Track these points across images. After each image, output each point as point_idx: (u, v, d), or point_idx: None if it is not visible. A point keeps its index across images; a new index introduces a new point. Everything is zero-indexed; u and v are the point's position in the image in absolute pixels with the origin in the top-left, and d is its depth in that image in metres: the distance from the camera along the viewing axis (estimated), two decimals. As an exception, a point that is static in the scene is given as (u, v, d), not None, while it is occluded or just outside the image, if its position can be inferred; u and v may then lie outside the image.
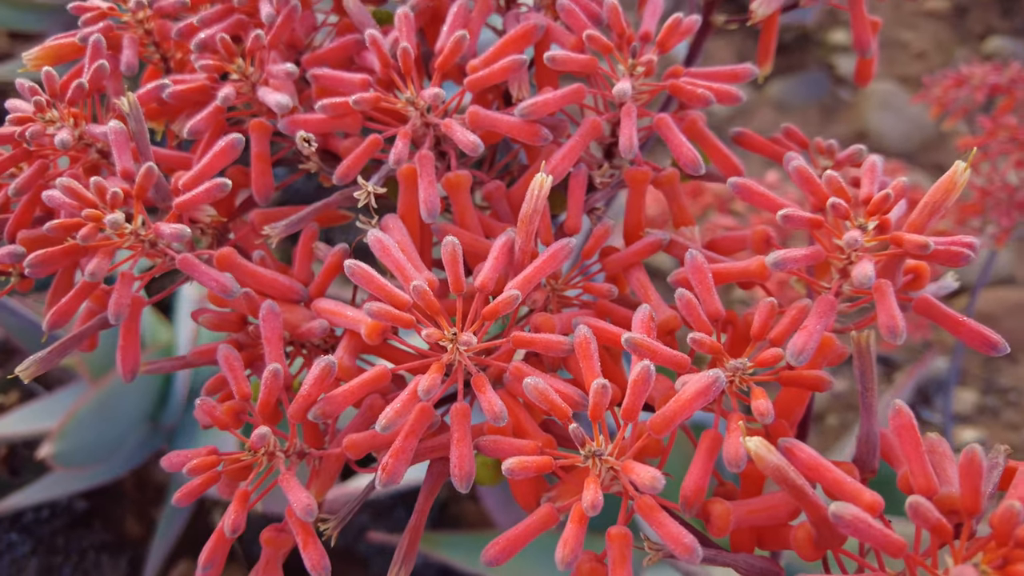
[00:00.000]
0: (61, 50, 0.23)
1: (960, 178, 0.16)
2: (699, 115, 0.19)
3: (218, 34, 0.21)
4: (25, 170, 0.22)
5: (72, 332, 0.20)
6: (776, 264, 0.15)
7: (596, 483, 0.13)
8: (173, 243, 0.18)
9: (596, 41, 0.18)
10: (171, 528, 1.01)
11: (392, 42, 0.20)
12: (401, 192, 0.18)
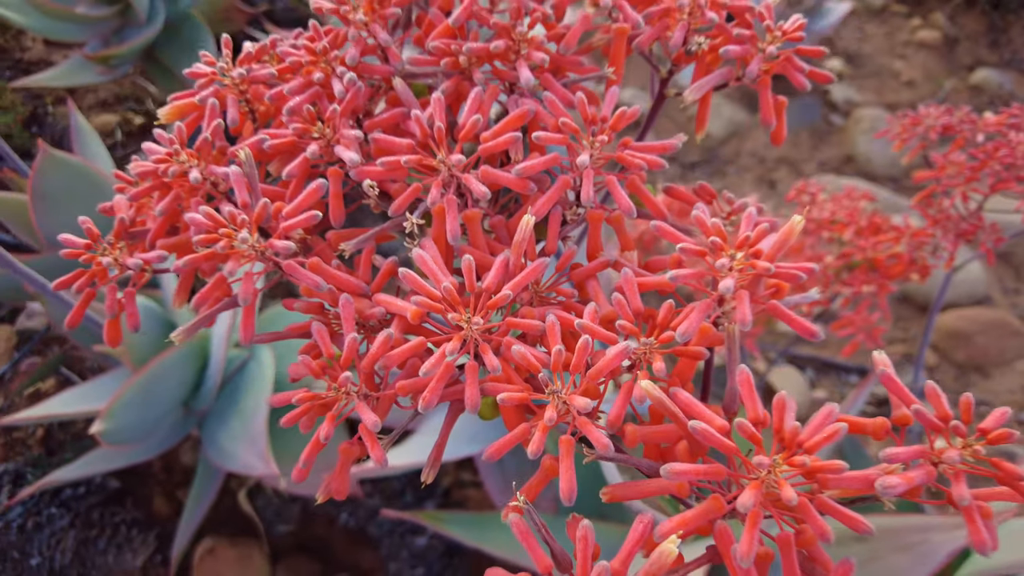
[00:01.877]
0: (184, 108, 0.32)
1: (798, 228, 0.24)
2: (639, 175, 0.28)
3: (304, 104, 0.30)
4: (161, 196, 0.31)
5: (202, 314, 0.28)
6: (673, 279, 0.24)
7: (554, 408, 0.22)
8: (280, 253, 0.27)
9: (567, 126, 0.27)
10: (199, 508, 1.09)
11: (428, 116, 0.29)
12: (434, 222, 0.27)
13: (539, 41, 0.29)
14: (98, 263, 0.29)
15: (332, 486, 0.26)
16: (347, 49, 0.29)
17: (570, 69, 0.30)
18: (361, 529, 1.26)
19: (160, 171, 0.28)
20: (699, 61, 0.31)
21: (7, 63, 1.92)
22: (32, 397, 1.45)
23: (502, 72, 0.29)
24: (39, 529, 1.21)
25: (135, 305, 0.29)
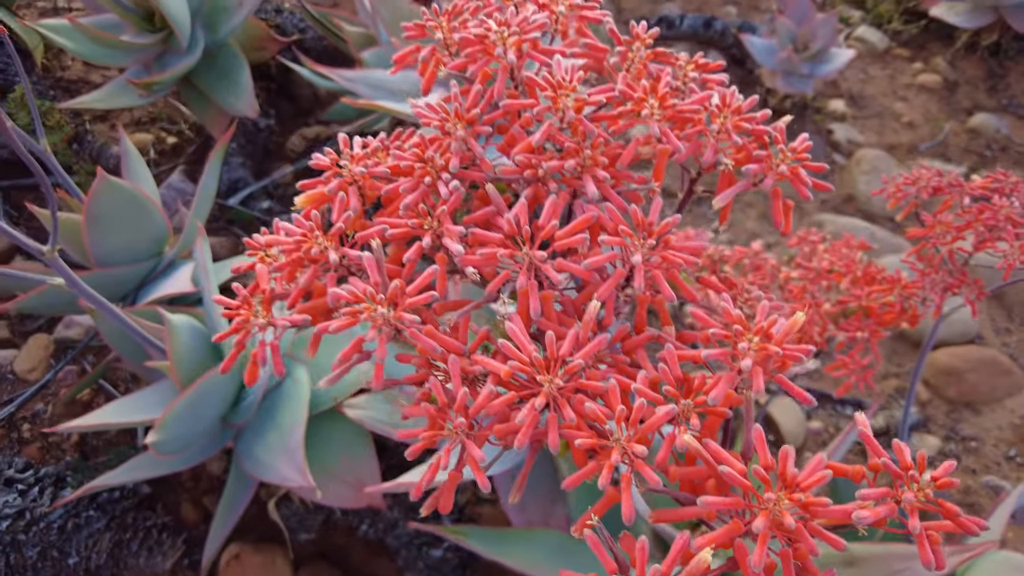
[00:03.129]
0: (315, 198, 0.41)
1: (800, 322, 0.33)
2: (678, 268, 0.37)
3: (416, 201, 0.38)
4: (292, 268, 0.39)
5: (341, 368, 0.36)
6: (707, 357, 0.32)
7: (618, 453, 0.30)
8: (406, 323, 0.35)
9: (625, 232, 0.35)
10: (230, 516, 1.16)
11: (515, 216, 0.37)
12: (519, 300, 0.36)
13: (602, 161, 0.37)
14: (249, 322, 0.37)
15: (439, 504, 0.34)
16: (449, 157, 0.38)
17: (623, 178, 0.39)
18: (380, 540, 1.33)
19: (303, 251, 0.37)
20: (723, 173, 0.40)
21: (49, 82, 2.02)
22: (69, 404, 1.54)
23: (572, 182, 0.38)
24: (77, 530, 1.29)
25: (279, 356, 0.37)
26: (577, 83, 0.38)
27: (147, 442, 0.93)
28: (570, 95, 0.38)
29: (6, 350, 1.59)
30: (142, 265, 1.29)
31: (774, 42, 1.97)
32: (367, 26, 1.78)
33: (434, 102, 0.39)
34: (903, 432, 1.11)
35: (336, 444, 1.13)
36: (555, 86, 0.38)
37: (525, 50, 0.40)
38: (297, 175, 1.83)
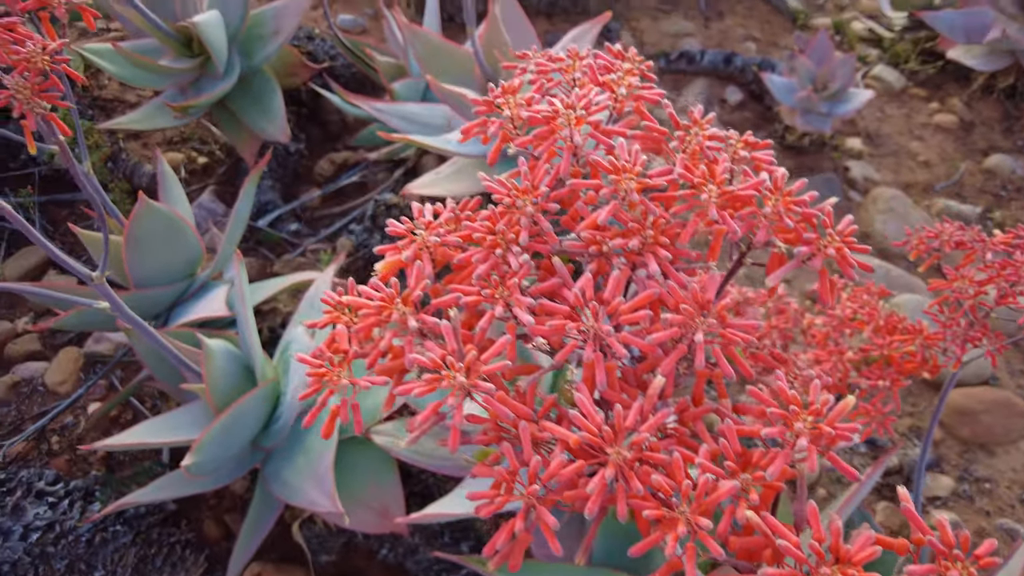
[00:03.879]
0: (393, 265, 0.44)
1: (851, 406, 0.35)
2: (735, 345, 0.39)
3: (488, 271, 0.41)
4: (368, 327, 0.42)
5: (420, 429, 0.39)
6: (766, 435, 0.35)
7: (684, 524, 0.33)
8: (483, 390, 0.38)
9: (687, 311, 0.38)
10: (255, 536, 1.18)
11: (580, 288, 0.40)
12: (584, 371, 0.38)
13: (664, 241, 0.40)
14: (335, 381, 0.40)
15: (509, 561, 0.37)
16: (519, 231, 0.41)
17: (681, 255, 0.41)
18: (399, 564, 1.35)
19: (384, 317, 0.40)
20: (774, 253, 0.43)
21: (87, 101, 2.07)
22: (97, 418, 1.57)
23: (633, 257, 0.41)
24: (104, 544, 1.31)
25: (360, 415, 0.40)
26: (640, 167, 0.41)
27: (183, 465, 0.96)
28: (633, 178, 0.41)
29: (37, 362, 1.62)
30: (176, 286, 1.32)
31: (794, 81, 2.01)
32: (397, 56, 1.82)
33: (503, 177, 0.42)
34: (919, 474, 1.13)
35: (362, 470, 1.16)
36: (619, 169, 0.41)
37: (587, 132, 0.43)
38: (325, 199, 1.87)
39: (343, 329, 0.42)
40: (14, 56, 0.62)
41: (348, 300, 0.43)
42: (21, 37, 0.63)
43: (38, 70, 0.62)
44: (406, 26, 1.34)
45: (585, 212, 0.42)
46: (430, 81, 1.27)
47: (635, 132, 0.45)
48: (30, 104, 0.62)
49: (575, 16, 2.41)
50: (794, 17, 2.54)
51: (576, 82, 0.51)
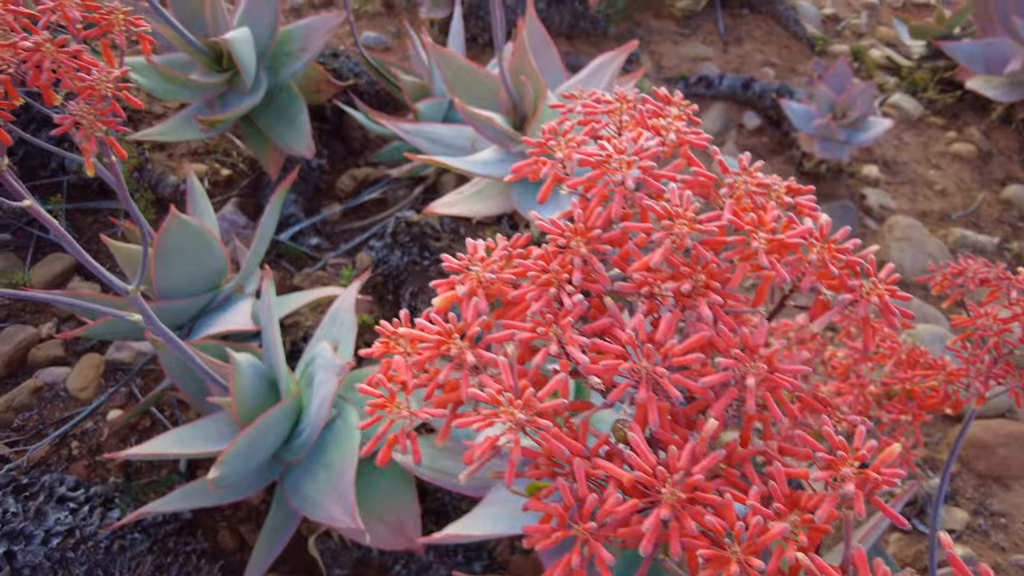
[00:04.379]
0: (450, 300, 0.45)
1: (896, 452, 0.36)
2: (783, 389, 0.41)
3: (542, 308, 0.43)
4: (425, 359, 0.44)
5: (475, 465, 0.40)
6: (814, 479, 0.36)
7: (736, 564, 0.34)
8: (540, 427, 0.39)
9: (740, 356, 0.40)
10: (272, 550, 1.19)
11: (633, 328, 0.41)
12: (638, 410, 0.40)
13: (716, 286, 0.42)
14: (393, 413, 0.41)
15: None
16: (572, 271, 0.42)
17: (731, 299, 0.43)
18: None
19: (442, 350, 0.41)
20: (818, 300, 0.44)
21: (115, 111, 2.10)
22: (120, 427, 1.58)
23: (683, 300, 0.42)
24: (123, 551, 1.32)
25: (418, 444, 0.42)
26: (692, 213, 0.43)
27: (209, 478, 0.97)
28: (685, 223, 0.42)
29: (60, 368, 1.64)
30: (201, 298, 1.34)
31: (812, 108, 2.03)
32: (421, 76, 1.85)
33: (556, 216, 0.44)
34: (937, 508, 1.13)
35: (380, 486, 1.17)
36: (672, 215, 0.43)
37: (637, 175, 0.44)
38: (345, 214, 1.89)
39: (401, 361, 0.43)
40: (80, 83, 0.64)
41: (404, 332, 0.45)
42: (86, 64, 0.66)
43: (101, 97, 0.64)
44: (435, 49, 1.36)
45: (636, 254, 0.44)
46: (457, 104, 1.30)
47: (684, 177, 0.46)
48: (92, 129, 0.64)
49: (595, 38, 2.44)
50: (812, 44, 2.56)
51: (623, 124, 0.52)
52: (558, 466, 0.41)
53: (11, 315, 1.72)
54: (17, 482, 1.30)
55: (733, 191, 0.45)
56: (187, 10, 1.69)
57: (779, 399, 0.40)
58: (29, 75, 0.68)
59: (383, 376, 0.44)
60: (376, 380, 0.45)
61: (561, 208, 1.16)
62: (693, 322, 0.42)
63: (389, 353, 0.46)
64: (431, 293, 1.67)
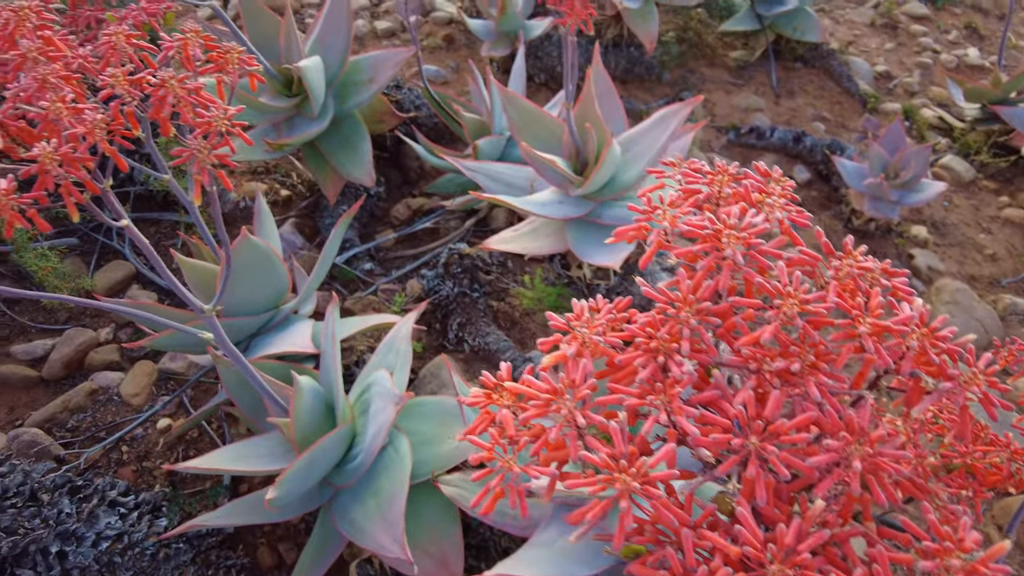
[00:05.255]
0: (558, 359, 0.47)
1: (1005, 549, 0.37)
2: (887, 473, 0.42)
3: (650, 375, 0.44)
4: (534, 415, 0.46)
5: (587, 528, 0.42)
6: (922, 570, 0.37)
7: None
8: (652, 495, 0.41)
9: (846, 439, 0.41)
10: (313, 571, 1.20)
11: (742, 403, 0.43)
12: (744, 484, 0.41)
13: (824, 367, 0.43)
14: (509, 468, 0.43)
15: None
16: (681, 341, 0.44)
17: (837, 380, 0.44)
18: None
19: (552, 409, 0.43)
20: (915, 385, 0.45)
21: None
22: (164, 432, 1.62)
23: (792, 380, 0.44)
24: (167, 560, 1.34)
25: (526, 501, 0.43)
26: (802, 293, 0.45)
27: (267, 499, 1.00)
28: (796, 303, 0.44)
29: (114, 372, 1.69)
30: (261, 317, 1.38)
31: (864, 166, 2.04)
32: (480, 113, 1.90)
33: (663, 284, 0.46)
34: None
35: (427, 518, 1.18)
36: (782, 293, 0.44)
37: (742, 250, 0.46)
38: (398, 241, 1.93)
39: (508, 415, 0.45)
40: (199, 119, 0.68)
41: (511, 386, 0.47)
42: (204, 101, 0.70)
43: (216, 132, 0.68)
44: (504, 92, 1.40)
45: (744, 328, 0.46)
46: (523, 147, 1.33)
47: (790, 255, 0.48)
48: (206, 163, 0.68)
49: (649, 83, 2.48)
50: (864, 100, 2.57)
51: (721, 196, 0.54)
52: (663, 534, 0.42)
53: (72, 318, 1.78)
54: (72, 483, 1.33)
55: (838, 273, 0.47)
56: (261, 35, 1.76)
57: (881, 483, 0.42)
58: (151, 108, 0.72)
59: (485, 426, 0.46)
60: (477, 427, 0.47)
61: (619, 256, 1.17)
62: (799, 401, 0.43)
63: (491, 404, 0.48)
64: (478, 325, 1.69)
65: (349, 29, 1.72)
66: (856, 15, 3.05)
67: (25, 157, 0.68)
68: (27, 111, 0.74)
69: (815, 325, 0.46)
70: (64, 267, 1.68)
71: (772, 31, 2.56)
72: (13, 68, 0.79)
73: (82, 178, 0.68)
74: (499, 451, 0.44)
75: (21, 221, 0.66)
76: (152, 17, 1.08)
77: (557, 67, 2.36)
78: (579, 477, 0.42)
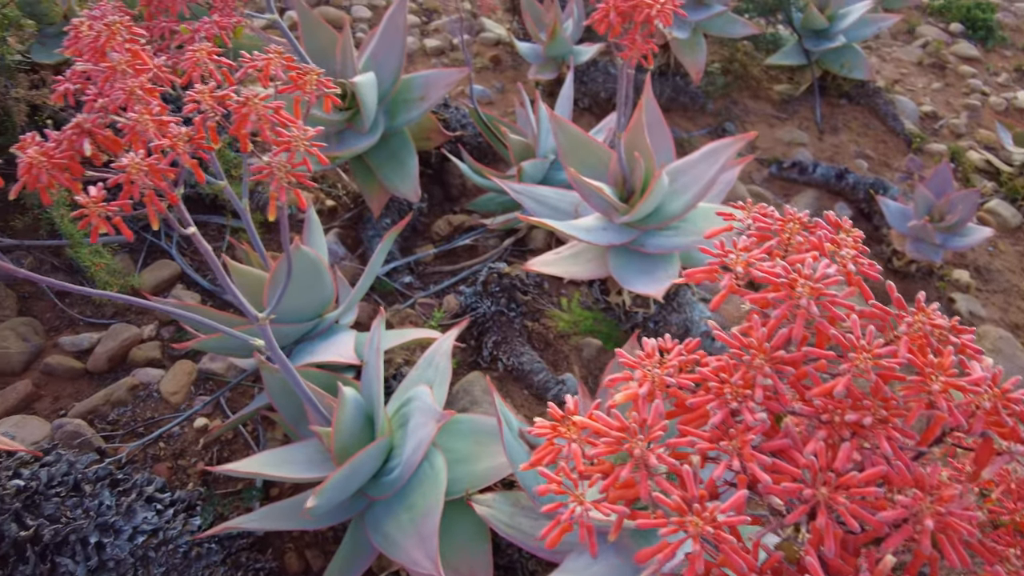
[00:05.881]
0: (629, 396, 0.48)
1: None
2: (956, 532, 0.42)
3: (721, 419, 0.45)
4: (606, 451, 0.47)
5: (661, 563, 0.43)
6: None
7: None
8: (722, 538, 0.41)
9: (917, 496, 0.42)
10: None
11: (813, 452, 0.43)
12: (813, 534, 0.42)
13: (896, 422, 0.44)
14: (580, 503, 0.44)
15: None
16: (754, 388, 0.45)
17: (908, 436, 0.45)
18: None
19: (625, 448, 0.44)
20: (985, 445, 0.45)
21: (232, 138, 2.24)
22: (200, 431, 1.65)
23: (863, 433, 0.44)
24: (199, 559, 1.36)
25: (595, 538, 0.44)
26: (877, 348, 0.45)
27: (307, 507, 1.01)
28: (870, 358, 0.45)
29: (156, 369, 1.73)
30: (304, 325, 1.41)
31: (909, 208, 2.02)
32: (526, 136, 1.92)
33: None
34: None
35: (458, 535, 1.19)
36: (856, 347, 0.45)
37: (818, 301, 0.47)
38: (437, 256, 1.96)
39: (578, 449, 0.47)
40: (279, 138, 0.71)
41: (580, 420, 0.48)
42: (284, 120, 0.73)
43: (295, 152, 0.71)
44: (555, 118, 1.43)
45: (815, 379, 0.46)
46: (571, 173, 1.35)
47: (863, 309, 0.49)
48: (284, 180, 0.71)
49: (692, 113, 2.49)
50: (909, 140, 2.55)
51: (791, 243, 0.55)
52: (730, 577, 0.43)
53: (118, 313, 1.83)
54: (113, 476, 1.36)
55: (910, 328, 0.48)
56: (318, 48, 1.81)
57: (953, 543, 0.42)
58: (233, 124, 0.75)
59: (551, 458, 0.47)
60: (545, 459, 0.48)
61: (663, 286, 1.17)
62: (869, 454, 0.44)
63: (557, 437, 0.49)
64: (513, 344, 1.71)
65: (403, 47, 1.76)
66: (904, 53, 3.03)
67: (114, 166, 0.71)
68: (115, 120, 0.78)
69: (885, 379, 0.47)
70: (115, 264, 1.73)
71: (819, 67, 2.55)
72: (102, 79, 0.82)
73: (164, 188, 0.71)
74: (568, 485, 0.45)
75: (107, 227, 0.69)
76: (223, 31, 1.12)
77: (601, 92, 2.38)
78: (648, 516, 0.43)
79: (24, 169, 0.76)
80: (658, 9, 1.02)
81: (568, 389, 1.63)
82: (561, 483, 0.45)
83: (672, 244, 1.35)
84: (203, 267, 1.97)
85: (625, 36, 1.06)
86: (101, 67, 0.81)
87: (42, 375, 1.70)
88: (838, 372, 0.46)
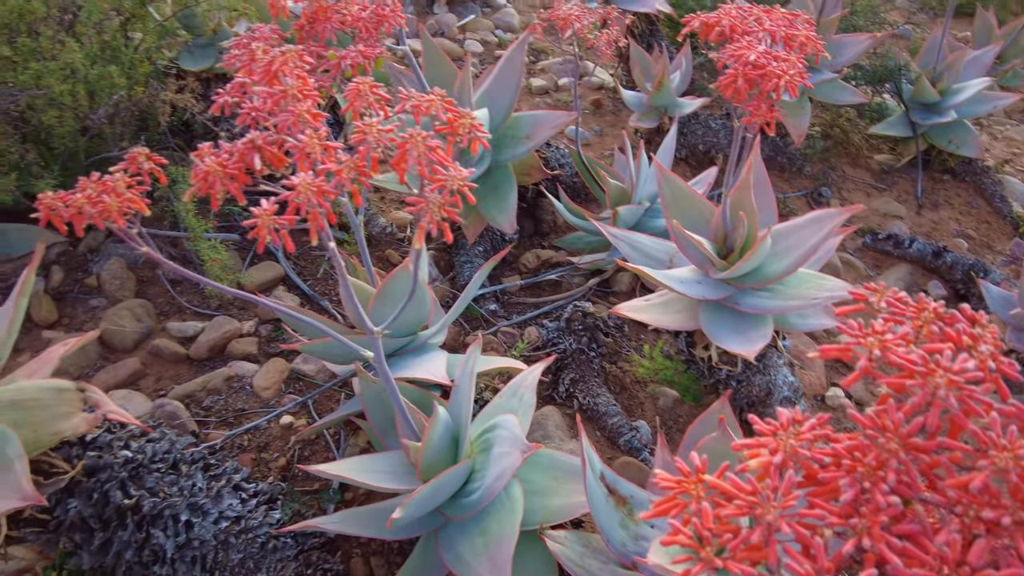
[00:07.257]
0: (764, 464, 0.51)
1: None
2: None
3: (852, 496, 0.47)
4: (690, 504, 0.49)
5: None
6: None
7: None
8: None
9: None
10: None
11: (944, 543, 0.45)
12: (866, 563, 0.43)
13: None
14: (711, 560, 0.47)
15: None
16: (887, 472, 0.47)
17: None
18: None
19: (756, 513, 0.47)
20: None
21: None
22: (286, 427, 1.72)
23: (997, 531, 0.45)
24: (274, 551, 1.42)
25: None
26: (1017, 448, 0.46)
27: (392, 518, 1.06)
28: (1012, 459, 0.46)
29: (251, 363, 1.83)
30: (400, 340, 1.48)
31: (1014, 295, 1.95)
32: (623, 181, 1.97)
33: (869, 411, 0.49)
34: None
35: (527, 567, 1.21)
36: (997, 445, 0.46)
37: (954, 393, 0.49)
38: (523, 288, 2.01)
39: (708, 508, 0.49)
40: (436, 175, 0.77)
41: (711, 480, 0.50)
42: (440, 159, 0.79)
43: (449, 190, 0.77)
44: (662, 171, 1.46)
45: (949, 470, 0.48)
46: (673, 224, 1.38)
47: (1000, 407, 0.50)
48: (436, 215, 0.77)
49: (789, 174, 2.48)
50: (1017, 223, 2.47)
51: (923, 332, 0.57)
52: (855, 652, 0.44)
53: (222, 306, 1.95)
54: (207, 460, 1.44)
55: (1050, 435, 0.49)
56: (438, 79, 1.90)
57: None
58: (393, 157, 0.82)
59: (676, 512, 0.49)
60: (669, 511, 0.50)
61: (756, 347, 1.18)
62: (1004, 554, 0.45)
63: (684, 493, 0.51)
64: (590, 384, 1.73)
65: (517, 87, 1.84)
66: (1016, 132, 2.94)
67: (283, 183, 0.79)
68: (284, 140, 0.86)
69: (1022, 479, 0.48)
70: (228, 260, 1.85)
71: (924, 140, 2.51)
72: (273, 100, 0.91)
73: (326, 208, 0.78)
74: (697, 540, 0.48)
75: (273, 238, 0.76)
76: (366, 60, 1.21)
77: (699, 145, 2.41)
78: (773, 580, 0.45)
79: (201, 175, 0.84)
80: (787, 80, 1.04)
81: (641, 436, 1.64)
82: (691, 537, 0.48)
83: (769, 306, 1.35)
84: (304, 272, 2.07)
85: (749, 102, 1.09)
86: (275, 89, 0.90)
87: (149, 355, 1.82)
88: (974, 467, 0.47)
